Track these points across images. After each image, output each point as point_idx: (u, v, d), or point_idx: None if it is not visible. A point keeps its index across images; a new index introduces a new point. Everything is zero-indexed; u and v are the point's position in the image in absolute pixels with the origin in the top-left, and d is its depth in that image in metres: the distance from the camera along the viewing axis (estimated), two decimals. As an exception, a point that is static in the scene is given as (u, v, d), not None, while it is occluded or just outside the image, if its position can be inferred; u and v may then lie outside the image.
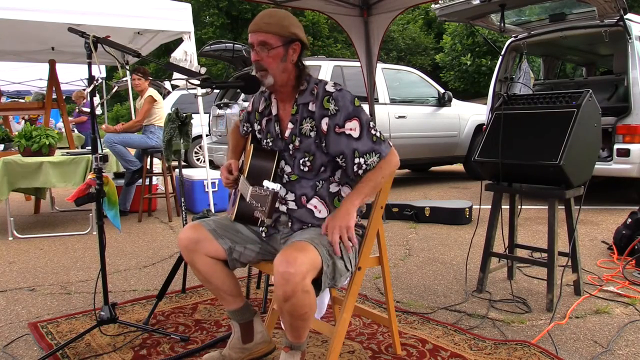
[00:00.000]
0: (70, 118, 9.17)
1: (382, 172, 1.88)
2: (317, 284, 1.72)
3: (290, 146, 1.94)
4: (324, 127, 1.87)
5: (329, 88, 1.89)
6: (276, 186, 1.68)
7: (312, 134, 1.90)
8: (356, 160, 1.86)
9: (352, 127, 1.85)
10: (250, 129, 2.16)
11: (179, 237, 1.95)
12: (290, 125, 1.95)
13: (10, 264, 3.76)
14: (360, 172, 1.86)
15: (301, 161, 1.92)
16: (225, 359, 2.05)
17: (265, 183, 1.68)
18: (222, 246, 1.92)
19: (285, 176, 1.96)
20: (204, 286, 2.07)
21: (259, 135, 2.10)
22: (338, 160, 1.90)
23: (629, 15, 5.02)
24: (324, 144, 1.89)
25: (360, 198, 1.85)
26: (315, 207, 1.92)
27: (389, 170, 1.90)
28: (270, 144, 2.01)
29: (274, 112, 2.01)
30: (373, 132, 1.87)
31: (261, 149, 2.03)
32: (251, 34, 1.88)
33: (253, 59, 1.90)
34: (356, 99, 1.89)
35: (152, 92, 5.42)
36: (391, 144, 1.93)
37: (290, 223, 1.95)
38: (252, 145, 2.06)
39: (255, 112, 2.11)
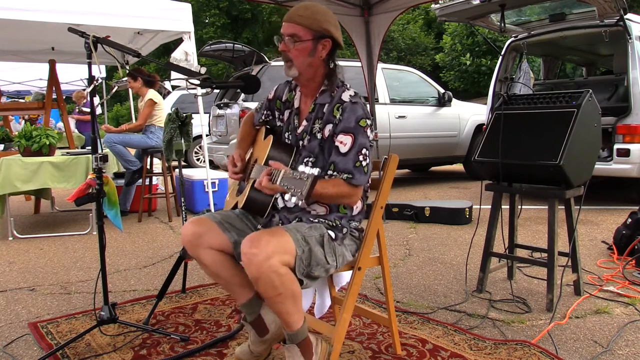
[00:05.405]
0: (71, 118, 9.16)
1: (335, 189, 1.75)
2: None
3: (300, 143, 1.93)
4: (326, 133, 1.85)
5: (345, 97, 1.85)
6: (315, 170, 1.59)
7: (319, 135, 1.87)
8: (329, 172, 1.80)
9: (343, 141, 1.79)
10: (269, 117, 2.11)
11: (182, 234, 1.92)
12: (304, 122, 1.93)
13: (10, 264, 3.76)
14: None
15: (305, 160, 1.90)
16: (254, 353, 2.04)
17: (301, 168, 1.58)
18: (229, 239, 1.89)
19: None
20: (215, 282, 2.04)
21: (279, 124, 2.07)
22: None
23: (629, 15, 5.02)
24: (325, 150, 1.86)
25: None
26: (315, 209, 1.90)
27: (338, 194, 1.76)
28: (291, 137, 1.98)
29: (296, 104, 1.99)
30: (361, 158, 1.78)
31: (281, 142, 1.99)
32: (283, 24, 1.87)
33: (280, 49, 1.87)
34: (364, 119, 1.80)
35: (152, 94, 5.41)
36: (367, 182, 1.82)
37: (281, 222, 1.94)
38: (271, 136, 1.99)
39: (278, 100, 2.08)
